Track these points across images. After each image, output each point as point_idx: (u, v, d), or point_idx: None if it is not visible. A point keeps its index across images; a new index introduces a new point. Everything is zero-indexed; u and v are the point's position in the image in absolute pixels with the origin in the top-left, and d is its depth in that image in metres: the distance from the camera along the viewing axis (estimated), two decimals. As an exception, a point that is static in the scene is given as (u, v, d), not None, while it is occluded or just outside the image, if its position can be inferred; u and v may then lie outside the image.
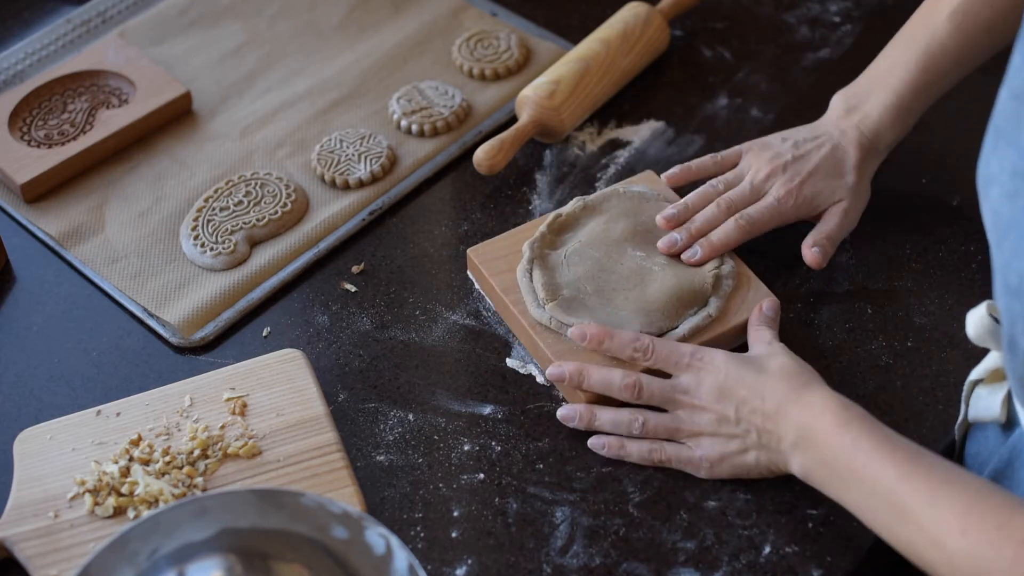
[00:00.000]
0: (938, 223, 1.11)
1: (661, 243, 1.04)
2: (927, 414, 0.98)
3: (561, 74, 1.17)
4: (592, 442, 0.95)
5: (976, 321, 0.85)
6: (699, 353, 0.94)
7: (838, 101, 1.09)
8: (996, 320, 0.85)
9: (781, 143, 1.07)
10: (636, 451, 0.94)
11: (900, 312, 1.04)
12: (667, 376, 0.95)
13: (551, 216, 1.07)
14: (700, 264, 1.03)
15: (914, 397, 0.99)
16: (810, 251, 1.03)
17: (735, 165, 1.09)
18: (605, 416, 0.95)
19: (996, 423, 0.91)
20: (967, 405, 0.94)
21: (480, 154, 1.13)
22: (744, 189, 1.05)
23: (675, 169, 1.09)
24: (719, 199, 1.05)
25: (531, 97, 1.16)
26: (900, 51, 1.07)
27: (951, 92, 1.09)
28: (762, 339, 0.96)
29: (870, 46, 1.27)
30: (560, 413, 0.97)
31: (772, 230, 1.05)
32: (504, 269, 1.05)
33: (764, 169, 1.06)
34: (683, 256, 1.03)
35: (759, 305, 1.00)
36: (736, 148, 1.09)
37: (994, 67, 0.97)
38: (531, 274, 1.03)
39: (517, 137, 1.15)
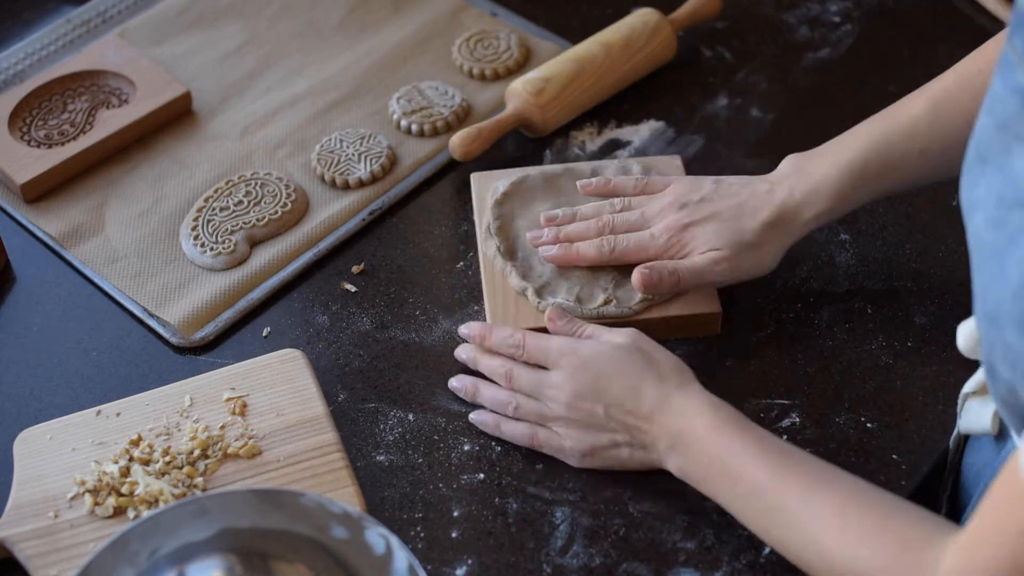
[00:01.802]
0: (938, 223, 1.11)
1: (529, 234, 1.05)
2: (927, 414, 0.98)
3: (553, 72, 1.17)
4: (473, 417, 0.97)
5: (967, 334, 0.85)
6: (567, 348, 0.93)
7: (787, 161, 1.01)
8: None
9: (708, 181, 1.02)
10: (510, 432, 0.95)
11: (900, 312, 1.04)
12: None
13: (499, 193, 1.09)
14: (554, 262, 1.03)
15: (914, 397, 0.99)
16: (638, 270, 0.98)
17: (659, 192, 1.05)
18: (486, 392, 0.97)
19: (989, 435, 0.90)
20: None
21: (456, 140, 1.13)
22: (631, 216, 1.03)
23: (594, 179, 1.07)
24: (600, 216, 1.03)
25: (519, 91, 1.16)
26: (869, 123, 1.00)
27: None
28: (592, 332, 0.95)
29: (870, 46, 1.27)
30: (451, 382, 0.99)
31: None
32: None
33: (665, 201, 1.02)
34: (540, 251, 1.03)
35: (550, 316, 0.97)
36: (668, 178, 1.05)
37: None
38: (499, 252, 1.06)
39: (496, 127, 1.15)
